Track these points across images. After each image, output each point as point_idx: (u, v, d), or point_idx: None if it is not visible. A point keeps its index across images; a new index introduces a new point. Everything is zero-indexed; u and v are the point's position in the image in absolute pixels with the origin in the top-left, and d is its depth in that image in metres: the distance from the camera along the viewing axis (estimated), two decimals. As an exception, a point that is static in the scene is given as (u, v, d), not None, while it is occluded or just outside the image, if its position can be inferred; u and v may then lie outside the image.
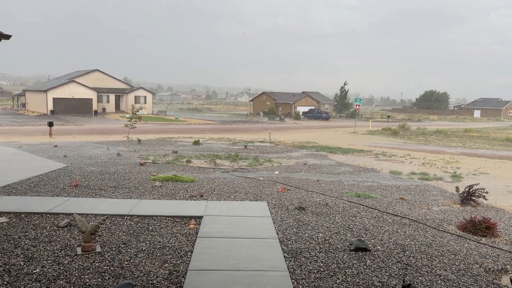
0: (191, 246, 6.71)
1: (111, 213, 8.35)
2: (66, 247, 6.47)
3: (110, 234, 7.20)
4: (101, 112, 59.04)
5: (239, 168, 15.16)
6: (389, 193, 11.76)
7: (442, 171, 16.58)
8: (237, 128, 42.67)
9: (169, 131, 35.32)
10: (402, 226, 8.41)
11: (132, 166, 14.58)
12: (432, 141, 32.72)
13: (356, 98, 49.96)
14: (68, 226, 7.46)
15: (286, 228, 7.83)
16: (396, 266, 6.23)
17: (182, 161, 16.23)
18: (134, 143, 22.42)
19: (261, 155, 19.50)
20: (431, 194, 11.86)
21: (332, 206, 9.69)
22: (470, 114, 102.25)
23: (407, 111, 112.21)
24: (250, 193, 10.83)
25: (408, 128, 44.31)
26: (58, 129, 32.79)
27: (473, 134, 41.88)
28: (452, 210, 10.08)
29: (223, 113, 79.53)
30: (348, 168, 16.53)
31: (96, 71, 63.09)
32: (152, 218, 8.21)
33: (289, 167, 15.97)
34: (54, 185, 11.00)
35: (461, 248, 7.23)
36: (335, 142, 28.79)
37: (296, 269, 5.95)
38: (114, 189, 10.73)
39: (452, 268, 6.25)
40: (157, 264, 5.98)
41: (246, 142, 24.55)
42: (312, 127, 48.46)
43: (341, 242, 7.17)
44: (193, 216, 8.32)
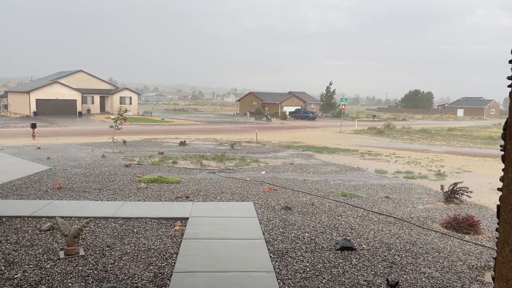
0: (176, 248, 6.65)
1: (95, 215, 8.23)
2: (48, 251, 6.35)
3: (94, 237, 7.09)
4: (85, 113, 58.31)
5: (226, 169, 15.12)
6: (375, 192, 11.85)
7: (427, 170, 16.77)
8: (224, 128, 42.58)
9: (155, 132, 35.06)
10: (387, 224, 8.48)
11: (117, 168, 14.42)
12: (417, 140, 33.12)
13: (342, 98, 50.35)
14: (51, 230, 7.33)
15: (273, 228, 7.83)
16: (381, 264, 6.27)
17: (168, 162, 16.12)
18: (119, 145, 22.18)
19: (248, 155, 19.48)
20: (416, 193, 11.99)
21: (318, 206, 9.71)
22: (454, 113, 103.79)
23: (392, 111, 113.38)
24: (236, 193, 10.79)
25: (393, 127, 44.79)
26: (41, 130, 32.27)
27: (457, 132, 42.53)
28: (436, 208, 10.20)
29: (209, 113, 79.30)
30: (334, 167, 16.62)
31: (80, 72, 62.29)
32: (137, 220, 8.12)
33: (275, 167, 15.98)
34: (37, 187, 10.81)
35: (445, 245, 7.31)
36: (321, 141, 28.92)
37: (282, 270, 5.94)
38: (99, 191, 10.60)
39: (436, 266, 6.32)
40: (142, 266, 5.91)
41: (233, 142, 24.51)
42: (298, 127, 48.62)
43: (327, 242, 7.19)
44: (179, 218, 8.26)
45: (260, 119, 62.43)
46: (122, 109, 20.70)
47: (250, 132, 35.15)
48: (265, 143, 26.61)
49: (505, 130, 2.36)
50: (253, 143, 26.33)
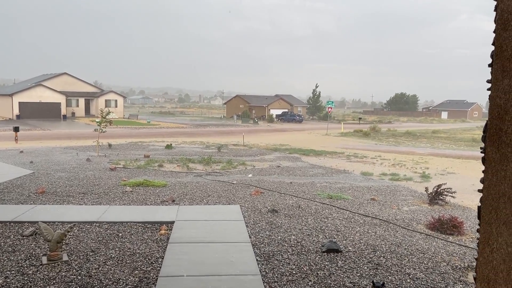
0: (162, 252, 6.60)
1: (79, 220, 8.12)
2: (31, 257, 6.24)
3: (78, 242, 6.99)
4: (70, 117, 57.58)
5: (213, 172, 15.07)
6: (361, 194, 11.93)
7: (412, 172, 16.96)
8: (211, 131, 42.47)
9: (141, 135, 34.78)
10: (373, 226, 8.54)
11: (102, 172, 14.25)
12: (402, 142, 33.50)
13: (328, 100, 50.69)
14: (33, 235, 7.20)
15: (259, 231, 7.82)
16: (367, 266, 6.31)
17: (154, 166, 16.00)
18: (105, 148, 21.94)
19: (235, 158, 19.45)
20: (401, 194, 12.11)
21: (305, 208, 9.74)
22: (438, 116, 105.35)
23: (378, 113, 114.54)
24: (223, 196, 10.76)
25: (379, 130, 45.23)
26: (24, 134, 31.76)
27: (441, 135, 43.15)
28: (421, 209, 10.32)
29: (196, 116, 79.04)
30: (321, 170, 16.69)
31: (64, 75, 61.55)
32: (122, 224, 8.03)
33: (262, 170, 15.98)
34: (19, 192, 10.63)
35: (429, 246, 7.39)
36: (308, 144, 29.04)
37: (268, 272, 5.94)
38: (83, 196, 10.46)
39: (421, 267, 6.38)
40: (127, 271, 5.84)
41: (220, 145, 24.45)
42: (285, 129, 48.75)
43: (313, 244, 7.21)
44: (165, 222, 8.19)
45: (247, 122, 62.45)
46: (105, 111, 20.40)
47: (237, 135, 35.11)
48: (252, 146, 26.61)
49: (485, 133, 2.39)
50: (240, 146, 26.31)
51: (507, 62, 2.19)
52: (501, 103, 2.22)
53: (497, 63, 2.27)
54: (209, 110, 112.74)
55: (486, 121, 2.37)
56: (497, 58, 2.28)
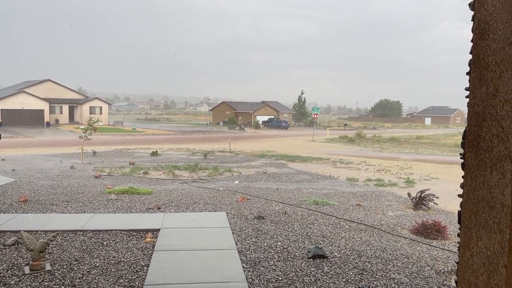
0: (147, 260, 6.54)
1: (62, 228, 8.00)
2: (13, 267, 6.12)
3: (62, 251, 6.88)
4: (54, 124, 56.81)
5: (199, 179, 15.01)
6: (346, 199, 12.02)
7: (396, 177, 17.16)
8: (197, 138, 42.34)
9: (126, 142, 34.48)
10: (358, 232, 8.60)
11: (87, 179, 14.08)
12: (387, 148, 33.89)
13: (313, 107, 51.07)
14: (15, 244, 7.06)
15: (245, 238, 7.81)
16: (353, 271, 6.35)
17: (139, 173, 15.87)
18: (89, 155, 21.69)
19: (221, 164, 19.42)
20: (386, 200, 12.24)
21: (291, 214, 9.77)
22: (422, 122, 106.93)
23: (363, 119, 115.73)
24: (209, 203, 10.73)
25: (364, 136, 45.68)
26: (6, 141, 31.20)
27: (425, 140, 43.79)
28: (405, 214, 10.44)
29: (182, 123, 78.74)
30: (307, 176, 16.77)
31: (48, 81, 60.85)
32: (106, 232, 7.93)
33: (249, 176, 15.98)
34: (1, 201, 10.42)
35: (413, 251, 7.48)
36: (294, 150, 29.16)
37: (254, 279, 5.93)
38: (67, 204, 10.31)
39: (406, 271, 6.45)
40: (112, 280, 5.77)
41: (206, 152, 24.39)
42: (271, 136, 48.89)
43: (299, 250, 7.23)
44: (150, 229, 8.12)
45: (233, 128, 62.47)
46: (93, 119, 20.28)
47: (224, 142, 35.07)
48: (238, 152, 26.61)
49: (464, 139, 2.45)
50: (226, 152, 26.28)
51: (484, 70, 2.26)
52: (479, 110, 2.28)
53: (474, 71, 2.34)
54: (195, 116, 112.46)
55: (465, 128, 2.43)
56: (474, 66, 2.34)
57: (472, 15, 2.39)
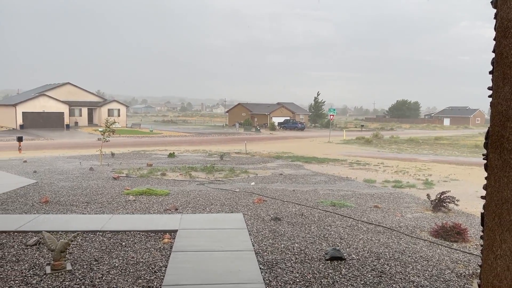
0: (165, 261, 6.59)
1: (82, 229, 8.13)
2: (34, 266, 6.24)
3: (82, 251, 6.99)
4: (73, 126, 57.82)
5: (215, 180, 15.07)
6: (364, 201, 11.91)
7: (415, 179, 16.92)
8: (213, 139, 42.54)
9: (144, 144, 34.87)
10: (376, 234, 8.51)
11: (105, 181, 14.28)
12: (405, 149, 33.45)
13: (330, 108, 50.76)
14: (37, 245, 7.21)
15: (262, 240, 7.80)
16: (371, 274, 6.28)
17: (156, 174, 16.02)
18: (108, 157, 22.00)
19: (237, 166, 19.46)
20: (404, 202, 12.08)
21: (308, 216, 9.72)
22: (440, 123, 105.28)
23: (380, 120, 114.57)
24: (226, 205, 10.76)
25: (381, 137, 45.20)
26: (28, 144, 31.88)
27: (443, 141, 43.08)
28: (424, 216, 10.28)
29: (198, 125, 79.21)
30: (323, 177, 16.67)
31: (67, 84, 61.95)
32: (125, 233, 8.03)
33: (265, 178, 15.98)
34: (23, 202, 10.65)
35: (433, 254, 7.36)
36: (310, 152, 29.03)
37: (272, 281, 5.92)
38: (86, 205, 10.47)
39: (425, 274, 6.35)
40: (130, 280, 5.83)
41: (222, 153, 24.48)
42: (287, 137, 48.79)
43: (316, 252, 7.19)
44: (168, 230, 8.19)
45: (249, 130, 62.54)
46: (110, 120, 20.52)
47: (239, 143, 35.15)
48: (254, 154, 26.62)
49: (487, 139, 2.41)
50: (242, 154, 26.33)
51: (507, 69, 2.21)
52: (503, 109, 2.23)
53: (497, 70, 2.29)
54: (211, 118, 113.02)
55: (488, 128, 2.39)
56: (497, 65, 2.29)
57: (495, 13, 2.34)
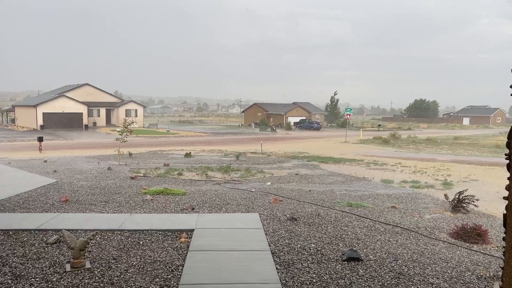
0: (182, 260, 6.64)
1: (101, 228, 8.24)
2: (55, 264, 6.36)
3: (100, 249, 7.10)
4: (91, 126, 58.73)
5: (231, 180, 15.11)
6: (381, 202, 11.78)
7: (433, 179, 16.67)
8: (229, 139, 42.66)
9: (161, 144, 35.20)
10: (394, 234, 8.41)
11: (123, 180, 14.46)
12: (423, 149, 32.98)
13: (346, 107, 50.35)
14: (57, 243, 7.34)
15: (278, 240, 7.79)
16: (389, 275, 6.21)
17: (173, 174, 16.15)
18: (125, 157, 22.27)
19: (253, 166, 19.47)
20: (422, 202, 11.91)
21: (324, 216, 9.67)
22: (460, 122, 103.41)
23: (398, 120, 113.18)
24: (242, 204, 10.78)
25: (398, 137, 44.65)
26: (48, 144, 32.51)
27: (463, 141, 42.32)
28: (443, 217, 10.12)
29: (214, 125, 79.55)
30: (340, 177, 16.56)
31: (86, 85, 62.95)
32: (142, 232, 8.12)
33: (281, 178, 15.95)
34: (43, 201, 10.86)
35: (453, 255, 7.24)
36: (326, 151, 28.87)
37: (288, 281, 5.91)
38: (105, 204, 10.62)
39: (445, 276, 6.25)
40: (148, 279, 5.89)
41: (238, 153, 24.53)
42: (303, 137, 48.62)
43: (333, 252, 7.14)
44: (184, 230, 8.25)
45: (265, 130, 62.52)
46: (127, 121, 20.75)
47: (255, 143, 35.17)
48: (270, 153, 26.61)
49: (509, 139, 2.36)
50: (258, 154, 26.34)
51: (530, 67, 2.16)
52: (525, 108, 2.18)
53: (520, 68, 2.24)
54: (227, 118, 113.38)
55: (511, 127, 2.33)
56: (520, 63, 2.24)
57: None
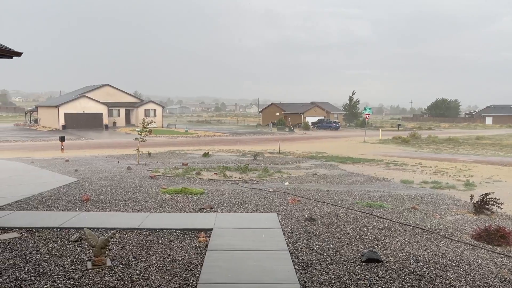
0: (201, 259, 6.67)
1: (121, 226, 8.36)
2: (76, 262, 6.48)
3: (120, 248, 7.20)
4: (111, 126, 59.64)
5: (249, 180, 15.12)
6: (401, 202, 11.62)
7: (455, 180, 16.35)
8: (247, 139, 42.72)
9: (179, 143, 35.49)
10: (414, 236, 8.28)
11: (142, 179, 14.63)
12: (444, 149, 32.38)
13: (365, 107, 49.81)
14: (79, 241, 7.48)
15: (297, 240, 7.76)
16: (409, 277, 6.12)
17: (192, 174, 16.26)
18: (144, 156, 22.53)
19: (271, 166, 19.45)
20: (443, 203, 11.69)
21: (343, 217, 9.59)
22: (482, 121, 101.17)
23: (418, 120, 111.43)
24: (260, 204, 10.77)
25: (418, 137, 43.96)
26: (69, 143, 33.15)
27: (486, 141, 41.38)
28: (465, 219, 9.91)
29: (232, 124, 79.78)
30: (359, 178, 16.39)
31: (106, 86, 63.96)
32: (162, 231, 8.20)
33: (299, 178, 15.89)
34: (65, 199, 11.08)
35: (475, 258, 7.08)
36: (345, 151, 28.63)
37: (307, 281, 5.88)
38: (124, 203, 10.77)
39: (467, 279, 6.12)
40: (167, 277, 5.95)
41: (256, 153, 24.55)
42: (321, 137, 48.33)
43: (352, 253, 7.08)
44: (203, 229, 8.29)
45: (282, 129, 62.40)
46: (146, 121, 20.97)
47: (273, 143, 35.13)
48: (288, 153, 26.53)
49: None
50: (276, 154, 26.30)
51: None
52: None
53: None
54: (245, 118, 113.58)
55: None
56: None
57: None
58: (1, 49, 8.40)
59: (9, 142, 35.98)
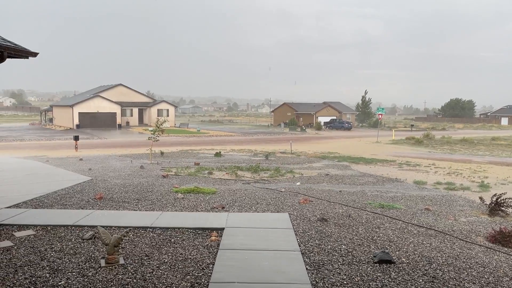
0: (212, 258, 6.71)
1: (134, 225, 8.44)
2: (90, 259, 6.56)
3: (133, 246, 7.27)
4: (124, 126, 60.20)
5: (261, 179, 15.13)
6: (414, 203, 11.51)
7: (469, 181, 16.14)
8: (258, 139, 42.73)
9: (191, 143, 35.66)
10: (427, 237, 8.20)
11: (155, 179, 14.74)
12: (458, 150, 31.98)
13: (378, 107, 49.41)
14: (93, 239, 7.57)
15: (308, 240, 7.75)
16: (422, 279, 6.06)
17: (204, 173, 16.33)
18: (157, 156, 22.70)
19: (283, 166, 19.43)
20: (457, 204, 11.55)
21: (355, 218, 9.54)
22: (497, 122, 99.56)
23: (431, 120, 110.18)
24: (271, 204, 10.78)
25: (432, 137, 43.47)
26: (83, 143, 33.55)
27: (501, 142, 40.74)
28: (480, 220, 9.78)
29: (244, 124, 79.87)
30: (371, 178, 16.28)
31: (120, 86, 64.55)
32: (174, 230, 8.26)
33: (310, 178, 15.84)
34: (79, 198, 11.22)
35: (490, 260, 6.98)
36: (357, 152, 28.46)
37: (318, 282, 5.86)
38: (137, 202, 10.87)
39: (481, 281, 6.04)
40: (179, 276, 5.99)
41: (267, 153, 24.54)
42: (333, 137, 48.11)
43: (364, 254, 7.04)
44: (215, 228, 8.33)
45: (294, 129, 62.26)
46: (160, 120, 21.13)
47: (285, 143, 35.09)
48: (299, 153, 26.47)
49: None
50: (287, 154, 26.26)
51: None
52: None
53: None
54: (257, 118, 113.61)
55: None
56: None
57: None
58: (18, 50, 8.55)
59: (25, 141, 36.58)
